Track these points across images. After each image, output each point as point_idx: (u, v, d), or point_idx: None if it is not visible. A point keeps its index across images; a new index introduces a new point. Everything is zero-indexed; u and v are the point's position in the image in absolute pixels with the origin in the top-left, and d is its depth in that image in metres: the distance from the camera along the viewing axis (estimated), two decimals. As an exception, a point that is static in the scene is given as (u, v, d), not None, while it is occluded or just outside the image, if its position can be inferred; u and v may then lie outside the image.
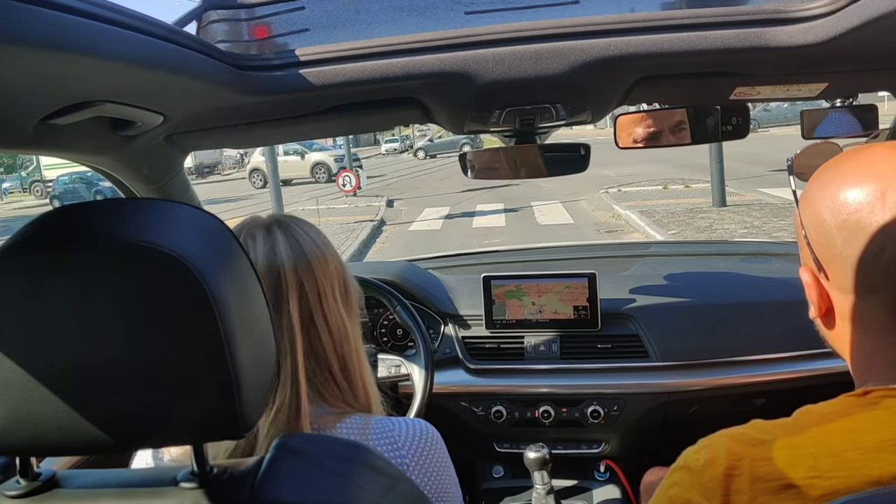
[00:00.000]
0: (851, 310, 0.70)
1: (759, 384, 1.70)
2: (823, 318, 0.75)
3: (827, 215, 0.69)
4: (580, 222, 10.64)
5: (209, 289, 0.53)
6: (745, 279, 2.02)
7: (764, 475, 0.65)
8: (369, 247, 10.33)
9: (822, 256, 0.71)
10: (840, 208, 0.68)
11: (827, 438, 0.65)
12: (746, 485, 0.66)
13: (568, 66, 1.00)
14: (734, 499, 0.66)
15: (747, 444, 0.69)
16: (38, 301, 0.53)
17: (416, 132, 41.08)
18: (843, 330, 0.72)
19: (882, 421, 0.65)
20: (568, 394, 1.79)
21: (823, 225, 0.69)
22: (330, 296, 0.90)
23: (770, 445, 0.67)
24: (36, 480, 0.60)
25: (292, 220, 0.93)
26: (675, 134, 1.33)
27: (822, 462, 0.64)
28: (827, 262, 0.70)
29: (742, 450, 0.68)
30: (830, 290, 0.72)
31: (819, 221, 0.70)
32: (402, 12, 1.16)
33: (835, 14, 0.92)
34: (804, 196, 0.74)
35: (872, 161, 0.68)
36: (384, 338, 1.98)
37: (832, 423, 0.67)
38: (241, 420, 0.56)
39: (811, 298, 0.74)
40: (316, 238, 0.92)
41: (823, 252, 0.70)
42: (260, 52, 1.17)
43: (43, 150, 0.95)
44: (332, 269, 0.91)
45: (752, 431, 0.70)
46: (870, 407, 0.66)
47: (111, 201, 0.60)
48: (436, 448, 0.91)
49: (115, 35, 0.67)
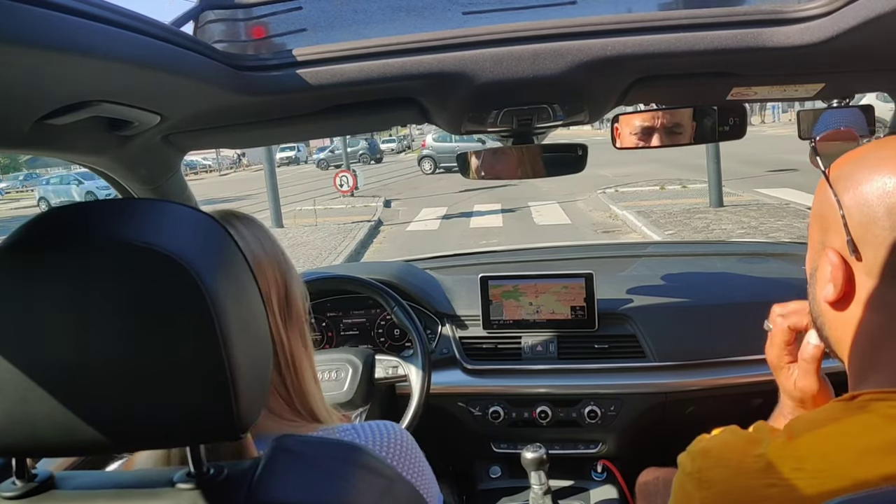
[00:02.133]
0: (876, 296, 0.69)
1: (756, 384, 1.70)
2: (838, 302, 0.74)
3: (873, 197, 0.69)
4: (577, 222, 10.65)
5: (206, 289, 0.53)
6: (742, 279, 2.02)
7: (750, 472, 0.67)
8: (366, 247, 10.33)
9: (860, 237, 0.70)
10: (891, 192, 0.68)
11: (816, 443, 0.66)
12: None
13: (565, 66, 1.00)
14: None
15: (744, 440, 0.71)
16: (35, 301, 0.53)
17: (415, 130, 41.00)
18: (855, 315, 0.72)
19: (870, 424, 0.65)
20: (565, 394, 1.79)
21: (870, 206, 0.69)
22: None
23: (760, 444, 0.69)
24: (32, 481, 0.60)
25: (241, 218, 0.87)
26: (673, 134, 1.33)
27: (808, 463, 0.64)
28: (865, 244, 0.70)
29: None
30: (858, 272, 0.71)
31: (864, 202, 0.70)
32: (400, 12, 1.16)
33: (832, 15, 0.92)
34: (844, 175, 0.73)
35: None
36: (381, 338, 1.98)
37: (822, 428, 0.67)
38: (237, 421, 0.56)
39: (834, 280, 0.73)
40: (254, 244, 0.85)
41: (864, 233, 0.69)
42: (257, 52, 1.16)
43: (39, 150, 0.94)
44: (269, 277, 0.86)
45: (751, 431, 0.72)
46: (858, 411, 0.67)
47: (108, 201, 0.60)
48: (411, 448, 0.88)
49: (111, 35, 0.67)
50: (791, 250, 2.31)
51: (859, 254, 0.70)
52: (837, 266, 0.72)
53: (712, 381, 1.72)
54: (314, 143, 35.58)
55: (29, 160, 27.58)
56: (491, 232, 10.18)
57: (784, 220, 8.95)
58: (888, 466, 0.61)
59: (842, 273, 0.72)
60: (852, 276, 0.72)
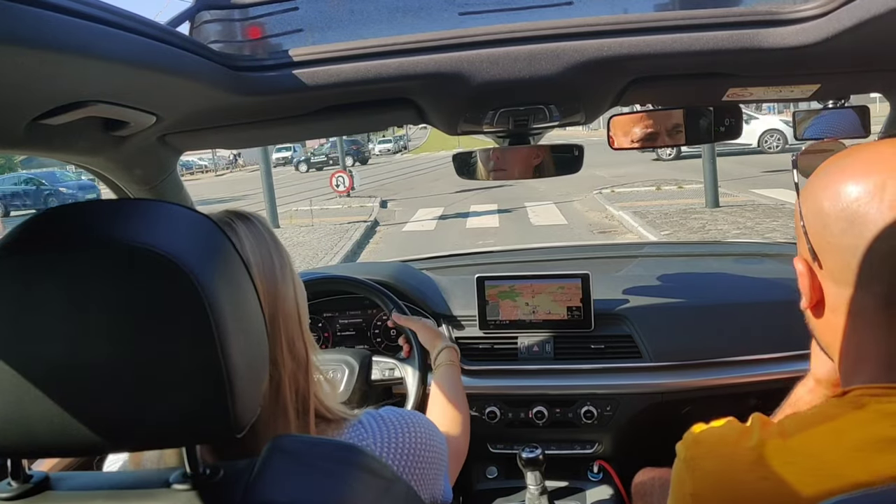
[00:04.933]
0: (843, 301, 0.71)
1: (752, 384, 1.70)
2: (814, 308, 0.76)
3: (826, 204, 0.70)
4: (574, 223, 10.66)
5: (202, 289, 0.53)
6: (739, 280, 2.03)
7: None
8: (363, 247, 10.33)
9: (817, 245, 0.71)
10: (840, 198, 0.69)
11: (808, 442, 0.67)
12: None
13: (562, 66, 1.00)
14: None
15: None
16: (31, 301, 0.53)
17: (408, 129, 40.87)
18: (833, 322, 0.73)
19: (863, 421, 0.65)
20: (561, 394, 1.79)
21: (822, 214, 0.70)
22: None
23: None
24: (27, 482, 0.60)
25: (242, 217, 0.85)
26: (669, 135, 1.33)
27: (800, 458, 0.66)
28: (822, 251, 0.71)
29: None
30: (823, 280, 0.73)
31: (818, 210, 0.71)
32: (396, 13, 1.16)
33: (827, 16, 0.92)
34: (806, 188, 0.75)
35: (874, 155, 0.69)
36: (377, 339, 1.98)
37: (814, 427, 0.68)
38: (234, 421, 0.56)
39: (803, 288, 0.75)
40: (252, 244, 0.83)
41: (820, 241, 0.71)
42: (253, 52, 1.16)
43: (34, 150, 0.94)
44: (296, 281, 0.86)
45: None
46: (851, 408, 0.67)
47: (105, 202, 0.60)
48: (415, 444, 0.88)
49: (107, 35, 0.67)
50: (787, 251, 2.32)
51: (819, 261, 0.72)
52: (804, 274, 0.74)
53: (708, 382, 1.72)
54: (310, 143, 35.47)
55: (24, 160, 27.53)
56: (487, 232, 10.18)
57: (780, 220, 8.97)
58: (881, 464, 0.62)
59: (808, 281, 0.74)
60: (819, 283, 0.74)
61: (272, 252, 0.84)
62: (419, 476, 0.87)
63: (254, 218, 0.86)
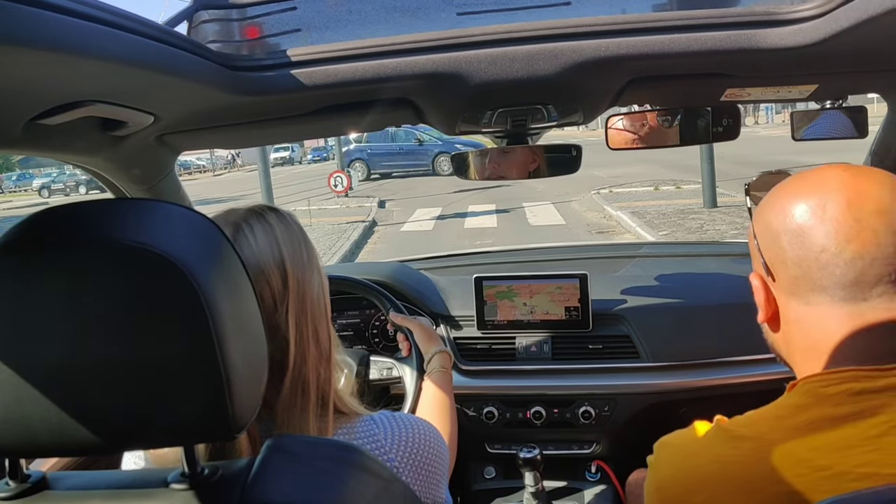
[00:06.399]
0: (794, 310, 0.76)
1: (749, 384, 1.70)
2: (770, 320, 0.81)
3: (775, 222, 0.76)
4: (571, 223, 10.66)
5: (200, 289, 0.53)
6: (736, 280, 2.03)
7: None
8: (361, 247, 10.31)
9: (770, 260, 0.77)
10: (787, 214, 0.75)
11: (752, 423, 0.74)
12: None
13: (560, 67, 1.00)
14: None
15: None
16: (29, 301, 0.53)
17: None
18: (786, 332, 0.79)
19: (800, 405, 0.71)
20: (559, 394, 1.79)
21: (772, 230, 0.77)
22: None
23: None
24: (25, 482, 0.60)
25: (256, 214, 0.90)
26: (667, 135, 1.34)
27: (745, 441, 0.72)
28: (774, 265, 0.77)
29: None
30: (777, 292, 0.78)
31: (768, 227, 0.78)
32: (395, 13, 1.16)
33: (825, 16, 0.92)
34: (758, 210, 0.82)
35: (817, 179, 0.76)
36: (375, 339, 1.98)
37: (761, 415, 0.75)
38: (232, 421, 0.56)
39: (759, 302, 0.81)
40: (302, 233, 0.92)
41: (771, 255, 0.77)
42: (251, 52, 1.16)
43: (32, 150, 0.94)
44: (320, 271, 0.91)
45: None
46: (794, 396, 0.74)
47: (103, 201, 0.60)
48: (424, 448, 0.90)
49: (105, 35, 0.67)
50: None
51: (772, 275, 0.77)
52: (759, 289, 0.81)
53: (706, 382, 1.72)
54: (308, 143, 35.44)
55: (22, 160, 27.49)
56: (485, 232, 10.17)
57: (777, 220, 8.96)
58: (819, 440, 0.67)
59: (763, 294, 0.80)
60: (773, 297, 0.79)
61: (301, 243, 0.90)
62: (423, 478, 0.88)
63: (284, 212, 0.92)
